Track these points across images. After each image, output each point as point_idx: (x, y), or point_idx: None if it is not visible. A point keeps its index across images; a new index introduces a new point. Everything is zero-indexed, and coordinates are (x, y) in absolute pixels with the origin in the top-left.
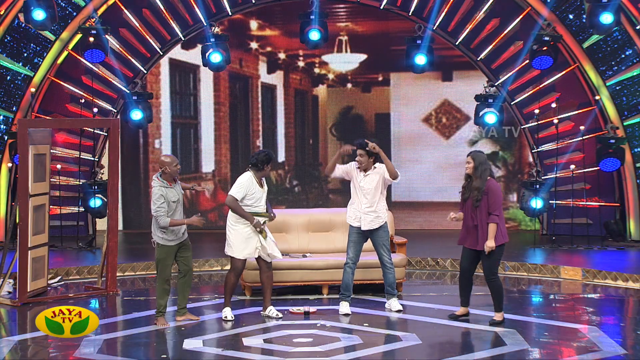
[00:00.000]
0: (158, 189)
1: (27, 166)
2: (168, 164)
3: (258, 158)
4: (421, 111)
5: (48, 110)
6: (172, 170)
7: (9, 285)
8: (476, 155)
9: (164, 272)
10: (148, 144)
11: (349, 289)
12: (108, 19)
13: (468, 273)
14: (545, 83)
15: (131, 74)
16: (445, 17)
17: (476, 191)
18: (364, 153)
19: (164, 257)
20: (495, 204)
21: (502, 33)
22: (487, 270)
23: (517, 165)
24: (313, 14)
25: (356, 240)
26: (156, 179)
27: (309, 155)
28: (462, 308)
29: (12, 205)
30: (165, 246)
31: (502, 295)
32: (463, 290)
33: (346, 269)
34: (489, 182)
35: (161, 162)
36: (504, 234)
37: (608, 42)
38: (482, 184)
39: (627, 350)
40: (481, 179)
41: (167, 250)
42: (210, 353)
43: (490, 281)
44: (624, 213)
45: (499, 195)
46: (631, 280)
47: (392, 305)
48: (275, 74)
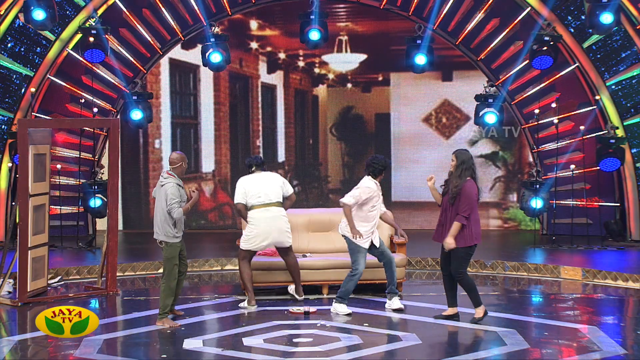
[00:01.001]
0: (174, 185)
1: (27, 166)
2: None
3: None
4: (421, 111)
5: (48, 110)
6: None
7: (9, 285)
8: (460, 153)
9: (173, 271)
10: (148, 144)
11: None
12: (108, 19)
13: (445, 269)
14: (545, 83)
15: (131, 74)
16: (445, 17)
17: (454, 188)
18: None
19: (174, 255)
20: (464, 205)
21: (502, 33)
22: (454, 269)
23: (517, 165)
24: (313, 14)
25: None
26: (169, 175)
27: (309, 155)
28: (449, 308)
29: (12, 205)
30: (174, 244)
31: (474, 289)
32: (446, 289)
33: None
34: (466, 183)
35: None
36: (476, 235)
37: (608, 42)
38: (459, 182)
39: (627, 350)
40: (459, 178)
41: (175, 248)
42: (210, 353)
43: (459, 280)
44: (624, 213)
45: (471, 197)
46: (631, 280)
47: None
48: (275, 73)
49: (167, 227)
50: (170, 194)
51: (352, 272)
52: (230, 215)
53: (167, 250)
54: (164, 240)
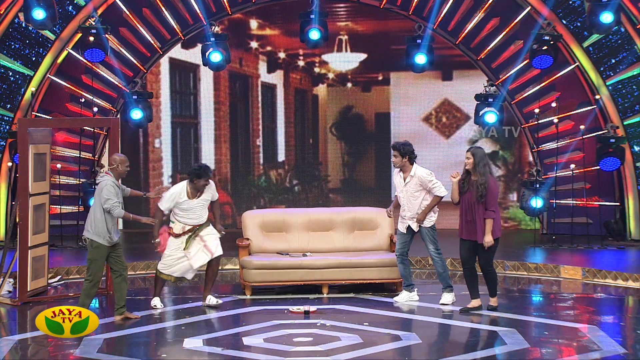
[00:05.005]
0: (111, 184)
1: (27, 165)
2: (121, 162)
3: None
4: (421, 110)
5: (48, 110)
6: (123, 170)
7: (9, 284)
8: (476, 151)
9: (97, 274)
10: (148, 144)
11: (407, 279)
12: (108, 18)
13: (468, 263)
14: (545, 82)
15: (131, 74)
16: (446, 16)
17: (481, 186)
18: (397, 153)
19: (99, 257)
20: (491, 201)
21: (502, 32)
22: (484, 262)
23: (517, 164)
24: (313, 13)
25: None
26: (106, 174)
27: (309, 155)
28: (473, 301)
29: (12, 205)
30: (101, 246)
31: (496, 282)
32: (469, 282)
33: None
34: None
35: (114, 159)
36: (499, 228)
37: (607, 41)
38: (485, 179)
39: (627, 349)
40: (483, 175)
41: (103, 250)
42: (210, 352)
43: (487, 273)
44: (624, 212)
45: (495, 192)
46: (631, 280)
47: (444, 299)
48: (275, 73)
49: (100, 225)
50: (105, 193)
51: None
52: (230, 215)
53: (92, 252)
54: (92, 239)
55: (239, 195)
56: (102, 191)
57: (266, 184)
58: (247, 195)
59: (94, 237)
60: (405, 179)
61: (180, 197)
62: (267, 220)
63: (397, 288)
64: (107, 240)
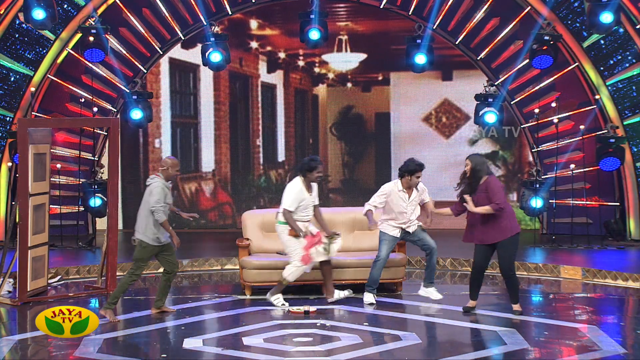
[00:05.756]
0: (161, 186)
1: (27, 165)
2: (172, 166)
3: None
4: (421, 110)
5: (48, 110)
6: (173, 173)
7: (9, 284)
8: (473, 157)
9: (137, 271)
10: (148, 144)
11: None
12: (108, 19)
13: (481, 269)
14: (545, 82)
15: (131, 74)
16: (445, 16)
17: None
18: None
19: (144, 257)
20: (497, 195)
21: (502, 32)
22: (506, 266)
23: (517, 164)
24: (313, 13)
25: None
26: (156, 175)
27: (309, 155)
28: (471, 301)
29: (12, 205)
30: (149, 246)
31: (518, 287)
32: (473, 286)
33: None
34: (489, 179)
35: (165, 162)
36: (514, 225)
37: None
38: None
39: (627, 349)
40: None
41: (149, 250)
42: (210, 352)
43: (509, 277)
44: (624, 212)
45: (498, 187)
46: (631, 280)
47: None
48: (275, 73)
49: (148, 226)
50: (156, 194)
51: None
52: (230, 214)
53: (139, 251)
54: (142, 239)
55: (239, 195)
56: (151, 193)
57: (266, 184)
58: (247, 195)
59: (142, 237)
60: (410, 195)
61: (302, 194)
62: (267, 220)
63: (397, 288)
64: (155, 240)
